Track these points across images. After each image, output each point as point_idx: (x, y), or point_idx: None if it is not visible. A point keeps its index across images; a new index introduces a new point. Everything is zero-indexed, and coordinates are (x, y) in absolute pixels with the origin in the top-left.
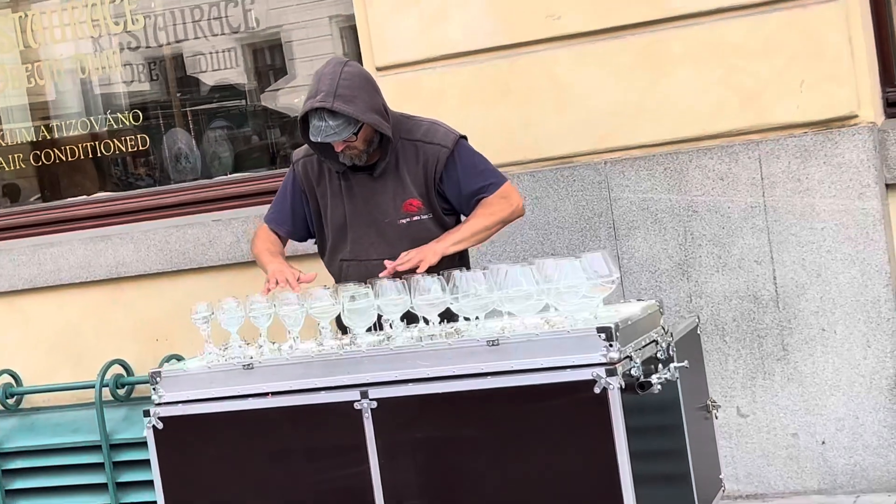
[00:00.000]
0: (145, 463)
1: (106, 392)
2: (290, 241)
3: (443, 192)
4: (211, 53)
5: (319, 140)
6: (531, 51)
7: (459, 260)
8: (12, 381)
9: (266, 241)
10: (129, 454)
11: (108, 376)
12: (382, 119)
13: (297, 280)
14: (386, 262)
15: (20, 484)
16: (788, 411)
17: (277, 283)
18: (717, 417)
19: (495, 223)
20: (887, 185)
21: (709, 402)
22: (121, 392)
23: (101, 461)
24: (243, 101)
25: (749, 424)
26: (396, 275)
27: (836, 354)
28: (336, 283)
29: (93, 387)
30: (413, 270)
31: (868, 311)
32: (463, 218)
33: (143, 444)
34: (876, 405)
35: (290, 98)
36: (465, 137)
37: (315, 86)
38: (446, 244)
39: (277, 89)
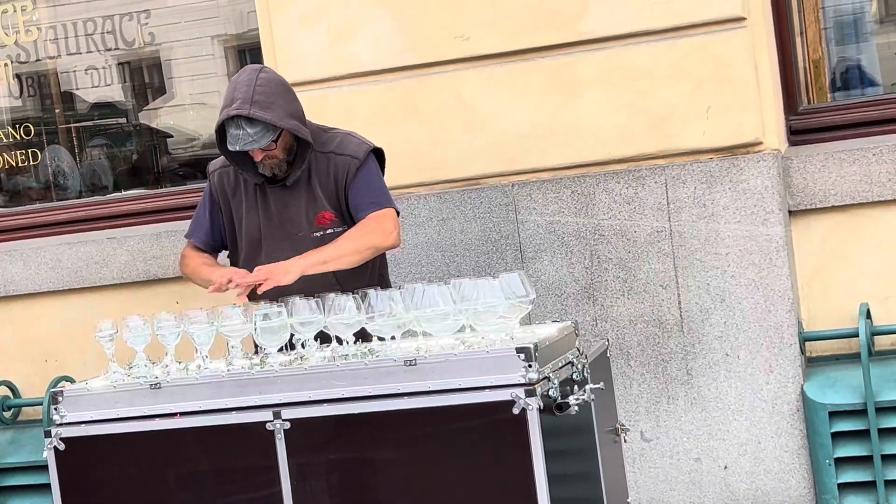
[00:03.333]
0: (33, 488)
1: None
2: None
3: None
4: (92, 70)
5: (238, 148)
6: (440, 71)
7: (379, 277)
8: None
9: (199, 257)
10: (15, 479)
11: None
12: (301, 125)
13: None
14: (230, 278)
15: None
16: (692, 436)
17: (230, 281)
18: (625, 441)
19: (366, 247)
20: (790, 212)
21: (618, 426)
22: (7, 415)
23: None
24: (123, 119)
25: (653, 449)
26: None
27: (739, 379)
28: (248, 297)
29: None
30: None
31: (771, 337)
32: None
33: (30, 469)
34: (778, 430)
35: (169, 117)
36: (380, 150)
37: (230, 94)
38: (308, 262)
39: (157, 108)
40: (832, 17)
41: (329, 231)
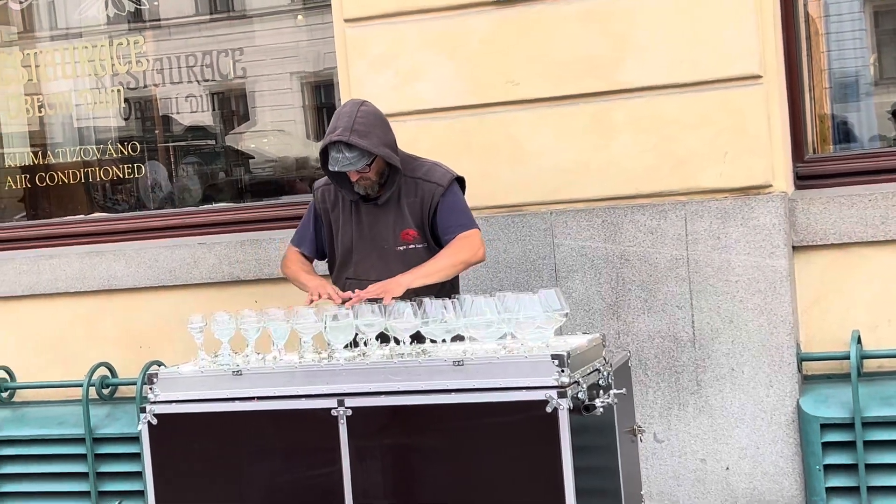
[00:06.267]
0: (126, 456)
1: (92, 391)
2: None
3: (434, 225)
4: (190, 97)
5: (337, 169)
6: (492, 111)
7: (449, 289)
8: (7, 377)
9: (298, 263)
10: (110, 448)
11: (94, 377)
12: (393, 153)
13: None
14: (356, 292)
15: (9, 469)
16: (698, 439)
17: (320, 296)
18: (641, 441)
19: (459, 262)
20: (794, 247)
21: (635, 427)
22: (105, 392)
23: (83, 452)
24: (213, 141)
25: (664, 449)
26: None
27: (742, 392)
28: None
29: (80, 385)
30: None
31: (772, 356)
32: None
33: (123, 440)
34: (775, 438)
35: (251, 141)
36: (462, 178)
37: (335, 122)
38: (412, 277)
39: (241, 132)
40: (836, 77)
41: (411, 246)
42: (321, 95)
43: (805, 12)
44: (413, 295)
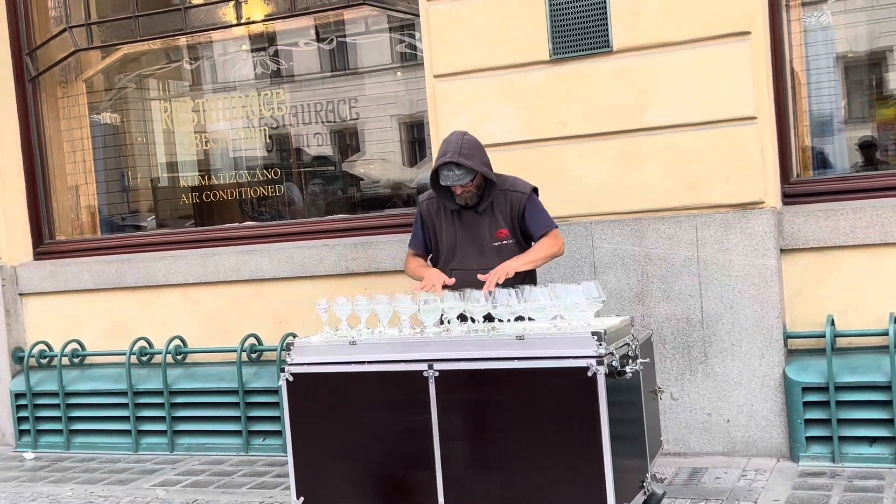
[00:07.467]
0: (268, 404)
1: (243, 355)
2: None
3: (522, 225)
4: (317, 134)
5: (448, 184)
6: (545, 145)
7: (530, 278)
8: (181, 344)
9: (414, 262)
10: (257, 398)
11: (245, 345)
12: (489, 170)
13: (443, 284)
14: (481, 277)
15: (183, 413)
16: (705, 398)
17: (424, 287)
18: (661, 399)
19: (548, 255)
20: (782, 250)
21: (656, 388)
22: (253, 356)
23: (237, 401)
24: (332, 167)
25: (678, 406)
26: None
27: (740, 362)
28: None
29: (235, 351)
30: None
31: (764, 334)
32: (534, 243)
33: (266, 391)
34: (766, 398)
35: (361, 167)
36: (536, 189)
37: (444, 148)
38: (517, 264)
39: (353, 160)
40: (815, 117)
41: (504, 242)
42: (414, 132)
43: (791, 67)
44: (511, 282)
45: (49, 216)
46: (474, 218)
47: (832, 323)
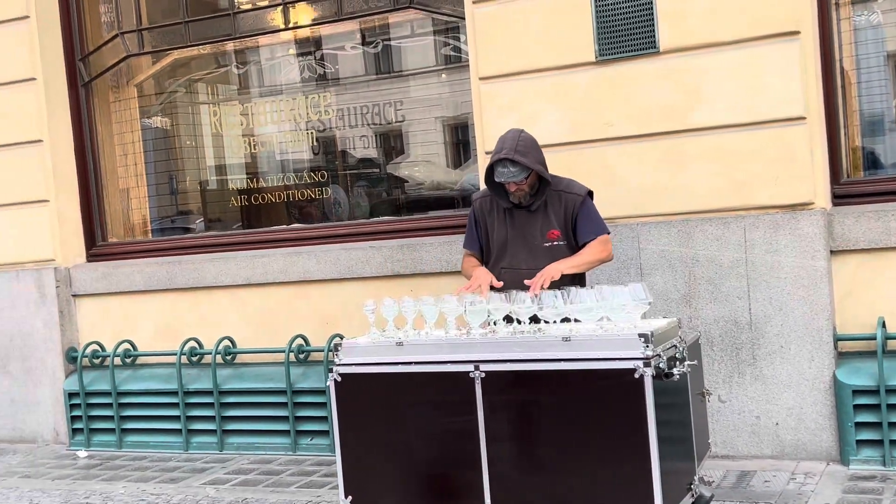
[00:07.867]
0: (315, 404)
1: (291, 356)
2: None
3: (574, 227)
4: (363, 136)
5: (502, 181)
6: (591, 146)
7: (579, 279)
8: (230, 344)
9: (470, 261)
10: (305, 398)
11: (293, 345)
12: (544, 169)
13: (490, 286)
14: (527, 282)
15: (232, 412)
16: (754, 401)
17: (470, 288)
18: (708, 401)
19: (596, 260)
20: (831, 251)
21: (704, 390)
22: (301, 356)
23: (285, 401)
24: (378, 169)
25: (726, 408)
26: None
27: (789, 364)
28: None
29: (283, 352)
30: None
31: (813, 336)
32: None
33: (314, 392)
34: (815, 401)
35: (406, 169)
36: (591, 192)
37: (500, 145)
38: (565, 266)
39: (398, 163)
40: (865, 117)
41: (555, 243)
42: (458, 134)
43: (840, 67)
44: (558, 284)
45: (101, 219)
46: (527, 217)
47: (883, 325)
